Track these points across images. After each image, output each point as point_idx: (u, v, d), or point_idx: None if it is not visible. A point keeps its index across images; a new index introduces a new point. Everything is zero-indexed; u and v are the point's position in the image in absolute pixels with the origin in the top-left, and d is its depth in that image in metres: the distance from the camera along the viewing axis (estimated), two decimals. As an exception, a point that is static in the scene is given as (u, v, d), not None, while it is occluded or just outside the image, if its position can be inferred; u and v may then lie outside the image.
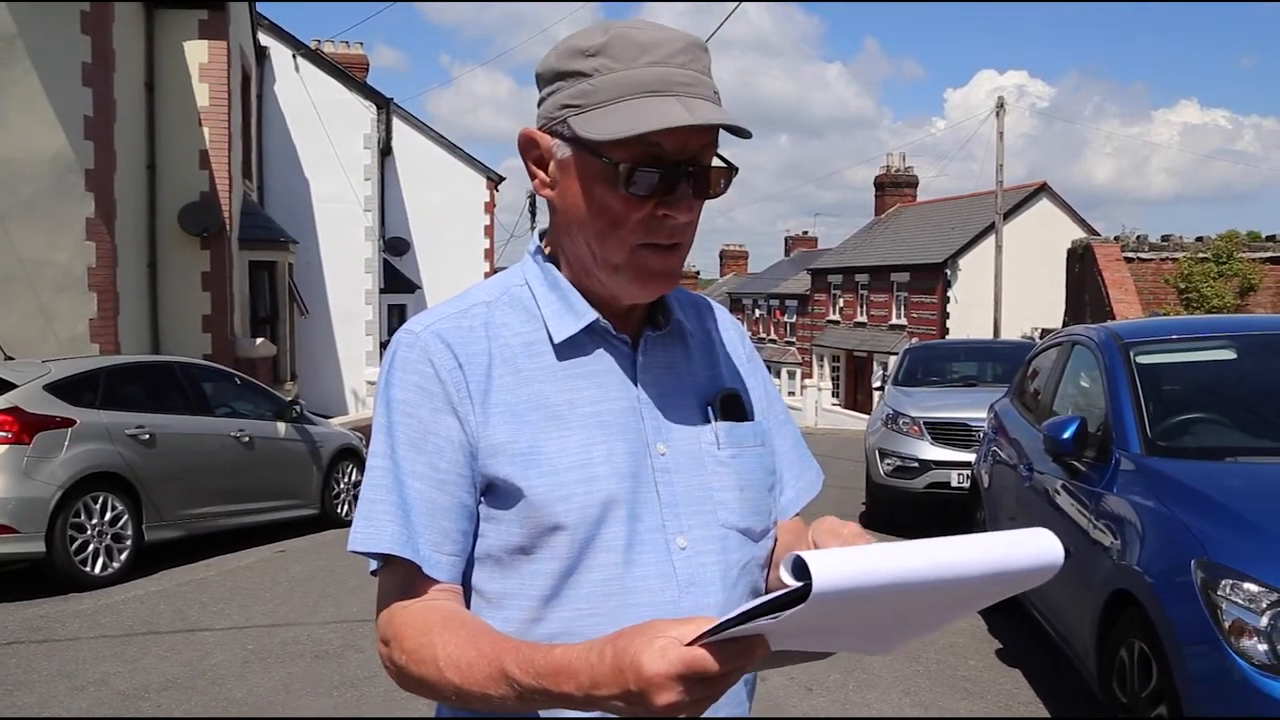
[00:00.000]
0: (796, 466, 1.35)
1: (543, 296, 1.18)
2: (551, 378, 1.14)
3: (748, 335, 1.37)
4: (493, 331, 1.15)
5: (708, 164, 1.11)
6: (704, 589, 1.13)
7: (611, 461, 1.12)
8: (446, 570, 1.11)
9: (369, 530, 1.11)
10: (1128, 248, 18.18)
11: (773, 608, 0.79)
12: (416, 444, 1.11)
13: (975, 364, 11.18)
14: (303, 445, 8.86)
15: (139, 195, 12.27)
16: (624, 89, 1.07)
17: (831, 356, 39.49)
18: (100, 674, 4.87)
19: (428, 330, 1.14)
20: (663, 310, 1.22)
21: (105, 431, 6.86)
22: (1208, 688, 2.92)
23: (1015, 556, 0.86)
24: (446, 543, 1.10)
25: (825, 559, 0.77)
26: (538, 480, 1.09)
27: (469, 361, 1.12)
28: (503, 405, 1.11)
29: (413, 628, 1.07)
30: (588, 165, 1.10)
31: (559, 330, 1.15)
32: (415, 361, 1.13)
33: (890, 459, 8.65)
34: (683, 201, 1.09)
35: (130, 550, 6.93)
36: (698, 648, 0.83)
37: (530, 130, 1.16)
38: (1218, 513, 3.29)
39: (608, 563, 1.10)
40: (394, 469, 1.11)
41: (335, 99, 19.45)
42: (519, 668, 0.95)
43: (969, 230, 32.82)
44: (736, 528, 1.19)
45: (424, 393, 1.12)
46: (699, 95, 1.08)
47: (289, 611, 6.03)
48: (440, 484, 1.10)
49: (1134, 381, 4.22)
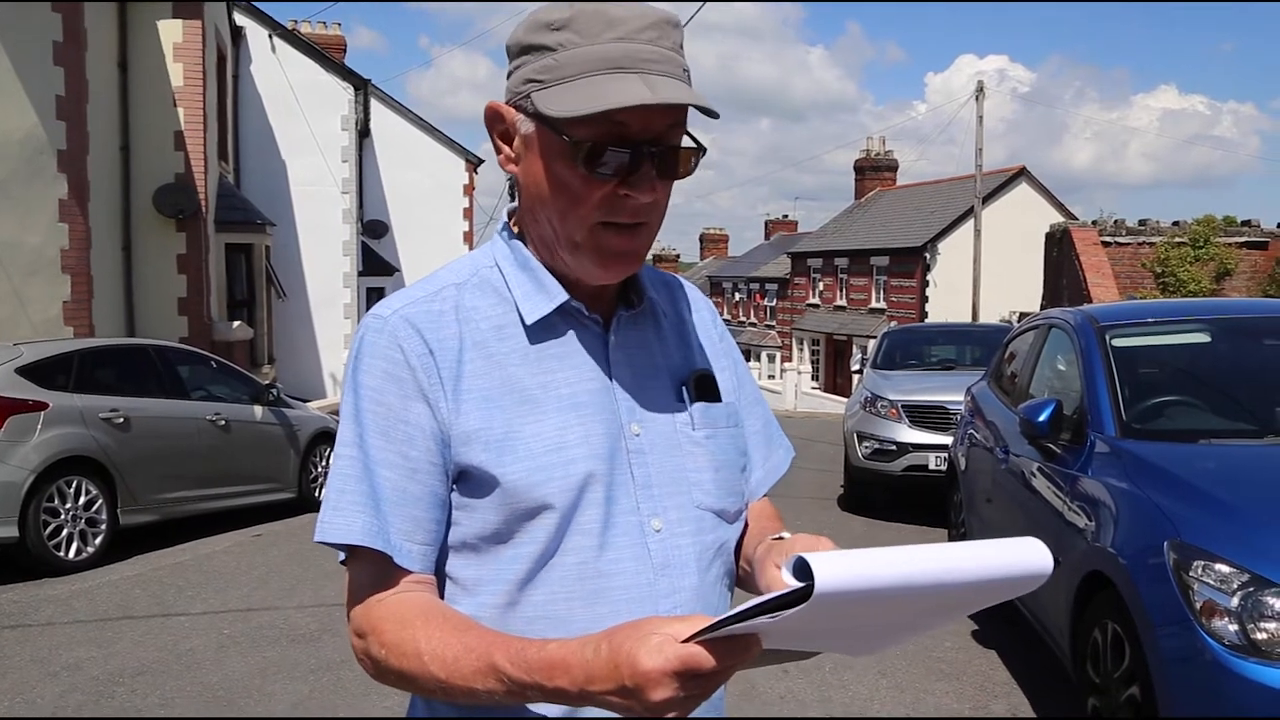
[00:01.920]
0: (765, 446, 1.34)
1: (513, 277, 1.16)
2: (524, 360, 1.12)
3: (718, 314, 1.36)
4: (463, 315, 1.13)
5: (675, 144, 1.09)
6: (679, 571, 1.13)
7: (589, 443, 1.10)
8: (419, 560, 1.09)
9: (338, 521, 1.08)
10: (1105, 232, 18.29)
11: (773, 607, 0.80)
12: (386, 432, 1.09)
13: (953, 347, 11.23)
14: (280, 429, 8.80)
15: (113, 177, 12.13)
16: (588, 65, 1.04)
17: (811, 340, 39.61)
18: (74, 659, 4.83)
19: (396, 315, 1.11)
20: (635, 289, 1.20)
21: (79, 415, 6.79)
22: (1179, 668, 2.95)
23: (1007, 564, 0.88)
24: (419, 532, 1.09)
25: (828, 560, 0.78)
26: (513, 466, 1.07)
27: (439, 347, 1.10)
28: (475, 390, 1.09)
29: (391, 620, 1.05)
30: (549, 142, 1.08)
31: (530, 312, 1.13)
32: (384, 347, 1.10)
33: (868, 442, 8.68)
34: (645, 182, 1.07)
35: (105, 534, 6.87)
36: (693, 644, 0.83)
37: (496, 104, 1.13)
38: (1191, 494, 3.31)
39: (583, 546, 1.09)
40: (363, 458, 1.09)
41: (312, 80, 19.26)
42: (510, 662, 0.94)
43: (948, 214, 32.94)
44: (711, 509, 1.18)
45: (393, 379, 1.09)
46: (665, 73, 1.05)
47: (265, 596, 6.00)
48: (412, 473, 1.08)
49: (1109, 364, 4.24)
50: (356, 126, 20.33)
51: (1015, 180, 33.49)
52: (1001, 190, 32.65)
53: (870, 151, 43.31)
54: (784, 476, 1.36)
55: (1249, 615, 2.83)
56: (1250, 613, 2.83)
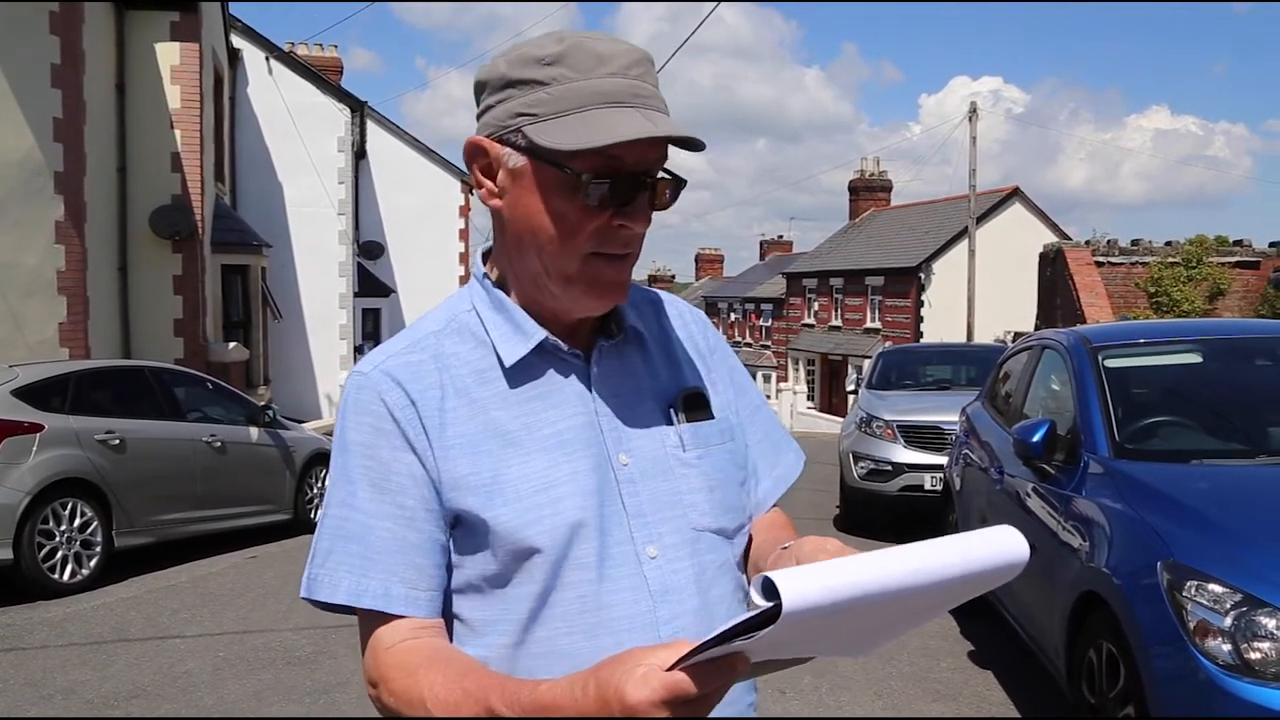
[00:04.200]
0: (771, 454, 1.34)
1: (490, 320, 1.17)
2: (505, 404, 1.13)
3: (709, 324, 1.36)
4: (443, 363, 1.14)
5: (661, 175, 1.12)
6: (678, 596, 1.13)
7: (576, 480, 1.11)
8: (425, 607, 1.11)
9: (323, 579, 1.11)
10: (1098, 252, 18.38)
11: (746, 628, 0.80)
12: (379, 485, 1.11)
13: (949, 367, 11.26)
14: (275, 450, 8.79)
15: (109, 198, 12.15)
16: (584, 99, 1.06)
17: (806, 360, 39.65)
18: (68, 682, 4.82)
19: (377, 370, 1.14)
20: (615, 318, 1.21)
21: (74, 437, 6.78)
22: (1173, 688, 2.96)
23: (982, 556, 0.88)
24: (422, 579, 1.10)
25: (793, 578, 0.77)
26: (503, 510, 1.09)
27: (421, 397, 1.11)
28: (460, 437, 1.11)
29: (397, 669, 1.07)
30: (545, 175, 1.08)
31: (509, 354, 1.14)
32: (367, 403, 1.12)
33: (864, 462, 8.69)
34: (640, 212, 1.10)
35: (100, 557, 6.85)
36: (678, 671, 0.83)
37: (478, 138, 1.13)
38: (1183, 515, 3.33)
39: (581, 580, 1.10)
40: (355, 515, 1.11)
41: (309, 102, 19.35)
42: (505, 705, 0.95)
43: (942, 234, 33.07)
44: (709, 529, 1.18)
45: (380, 433, 1.11)
46: (654, 108, 1.08)
47: (261, 618, 5.99)
48: (409, 522, 1.10)
49: (1102, 385, 4.27)
50: (353, 148, 20.43)
51: (1009, 200, 33.65)
52: (995, 210, 32.80)
53: (865, 172, 43.49)
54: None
55: (1242, 635, 2.84)
56: (1243, 632, 2.85)
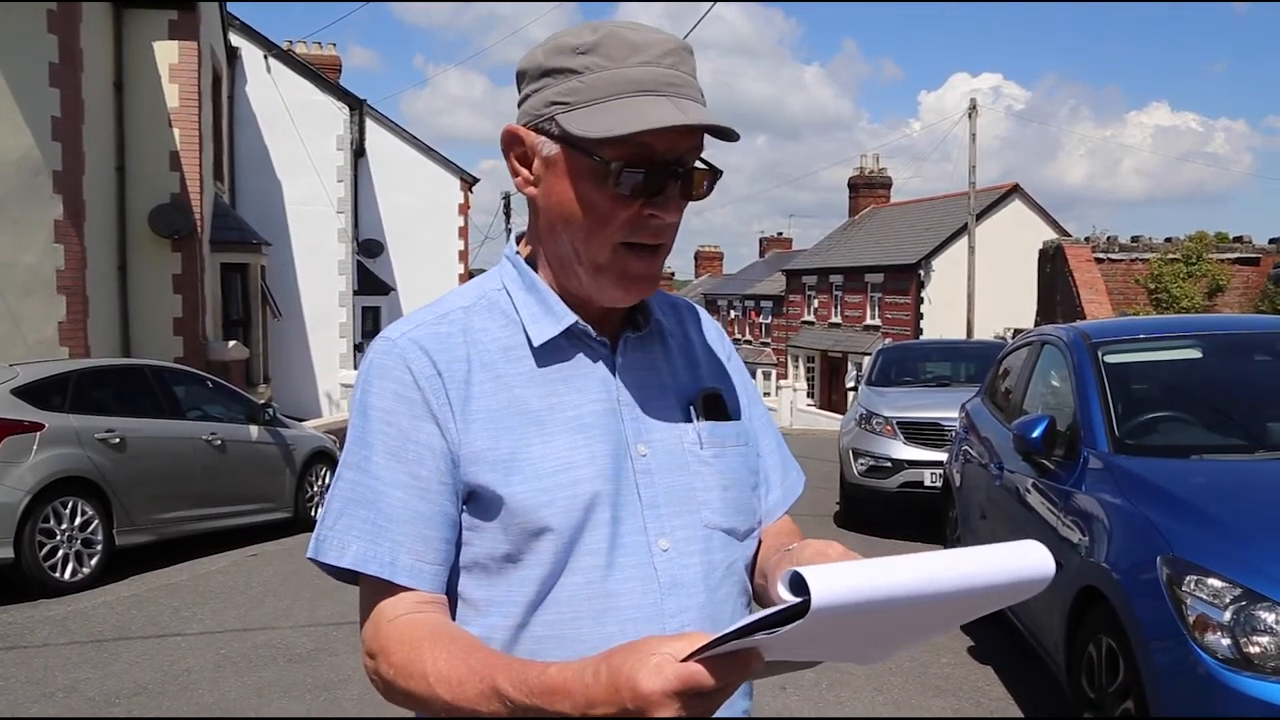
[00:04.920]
0: (781, 468, 1.35)
1: (520, 300, 1.17)
2: (531, 382, 1.14)
3: (727, 337, 1.38)
4: (471, 337, 1.14)
5: (694, 166, 1.12)
6: (686, 590, 1.13)
7: (594, 464, 1.11)
8: (429, 580, 1.10)
9: (332, 540, 1.10)
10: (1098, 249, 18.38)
11: (770, 623, 0.80)
12: (397, 453, 1.10)
13: (948, 364, 11.26)
14: (275, 448, 8.80)
15: (108, 197, 12.14)
16: (616, 87, 1.07)
17: (806, 357, 39.65)
18: (70, 680, 4.82)
19: (405, 337, 1.13)
20: (642, 311, 1.22)
21: (74, 435, 6.79)
22: (1173, 683, 2.96)
23: (1008, 569, 0.87)
24: (429, 551, 1.10)
25: (824, 574, 0.77)
26: (520, 486, 1.09)
27: (448, 368, 1.11)
28: (483, 412, 1.11)
29: (400, 642, 1.06)
30: (576, 163, 1.09)
31: (538, 334, 1.15)
32: (393, 369, 1.11)
33: (864, 459, 8.70)
34: (671, 202, 1.10)
35: (101, 555, 6.86)
36: (693, 663, 0.83)
37: (514, 127, 1.15)
38: (1183, 510, 3.33)
39: (590, 565, 1.10)
40: (368, 481, 1.10)
41: (307, 100, 19.34)
42: (512, 685, 0.94)
43: (942, 231, 33.06)
44: (720, 528, 1.19)
45: (403, 400, 1.11)
46: (688, 96, 1.09)
47: (262, 616, 5.99)
48: (423, 493, 1.10)
49: (1102, 381, 4.27)
50: (352, 146, 20.42)
51: (1009, 197, 33.63)
52: (995, 207, 32.79)
53: (864, 169, 43.47)
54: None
55: (1241, 629, 2.85)
56: (1243, 626, 2.85)
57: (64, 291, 10.25)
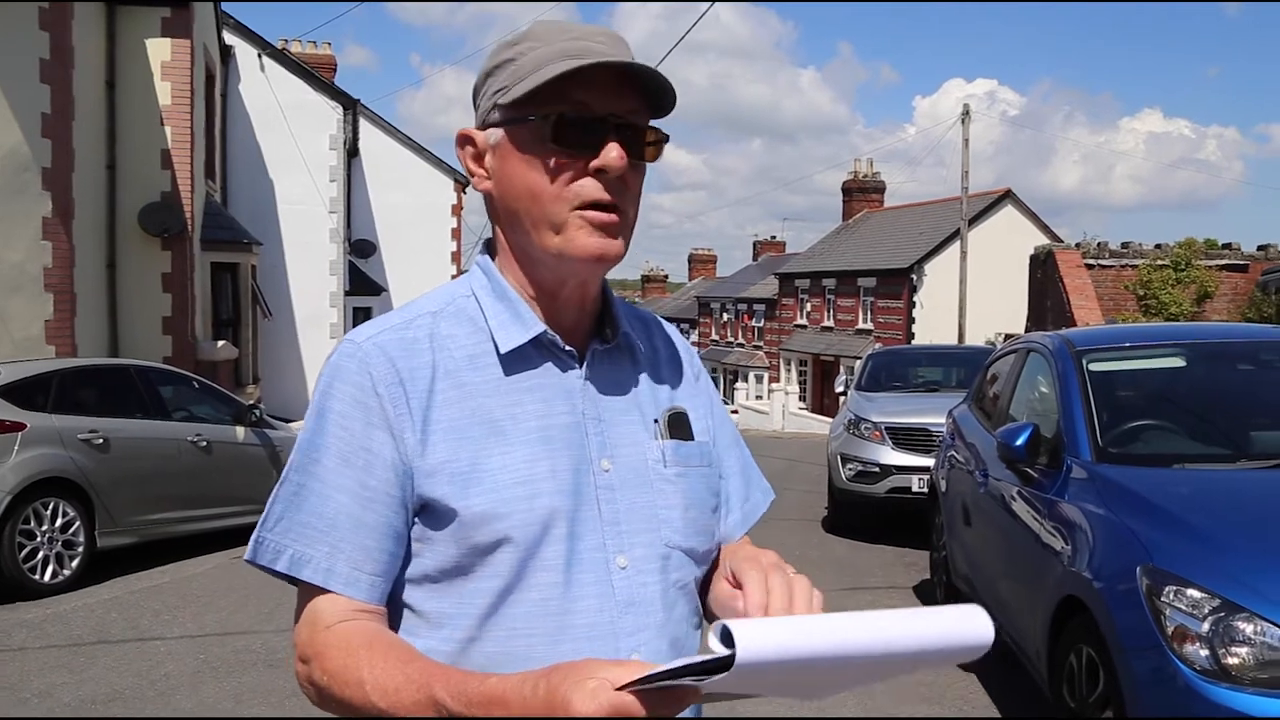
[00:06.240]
0: (744, 489, 1.34)
1: (489, 307, 1.16)
2: (496, 391, 1.12)
3: (696, 354, 1.36)
4: (437, 343, 1.13)
5: (639, 125, 1.12)
6: (643, 609, 1.12)
7: (555, 478, 1.10)
8: (365, 589, 1.08)
9: (269, 543, 1.09)
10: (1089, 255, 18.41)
11: (699, 670, 0.79)
12: (347, 458, 1.08)
13: (938, 369, 11.25)
14: (262, 450, 8.75)
15: (98, 195, 12.09)
16: (546, 59, 1.08)
17: (799, 360, 39.66)
18: (45, 685, 4.78)
19: (369, 341, 1.12)
20: (610, 324, 1.21)
21: (57, 436, 6.74)
22: (1151, 693, 2.95)
23: (945, 634, 0.86)
24: (368, 562, 1.08)
25: (752, 630, 0.76)
26: (477, 498, 1.07)
27: (410, 376, 1.10)
28: (444, 421, 1.09)
29: (336, 648, 1.04)
30: (518, 135, 1.11)
31: (505, 341, 1.13)
32: (354, 373, 1.10)
33: (852, 464, 8.68)
34: (614, 153, 1.08)
35: (82, 557, 6.81)
36: (628, 693, 0.82)
37: (464, 129, 1.18)
38: (1164, 520, 3.32)
39: (547, 582, 1.08)
40: (313, 484, 1.09)
41: (301, 99, 19.29)
42: (450, 695, 0.93)
43: (935, 236, 33.10)
44: (680, 547, 1.17)
45: (359, 405, 1.09)
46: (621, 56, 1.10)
47: (243, 619, 5.96)
48: (368, 502, 1.08)
49: (1086, 389, 4.26)
50: (345, 146, 20.37)
51: (1001, 202, 33.69)
52: (988, 212, 32.85)
53: (858, 173, 43.51)
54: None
55: (1220, 640, 2.83)
56: (1221, 638, 2.84)
57: (51, 289, 10.20)
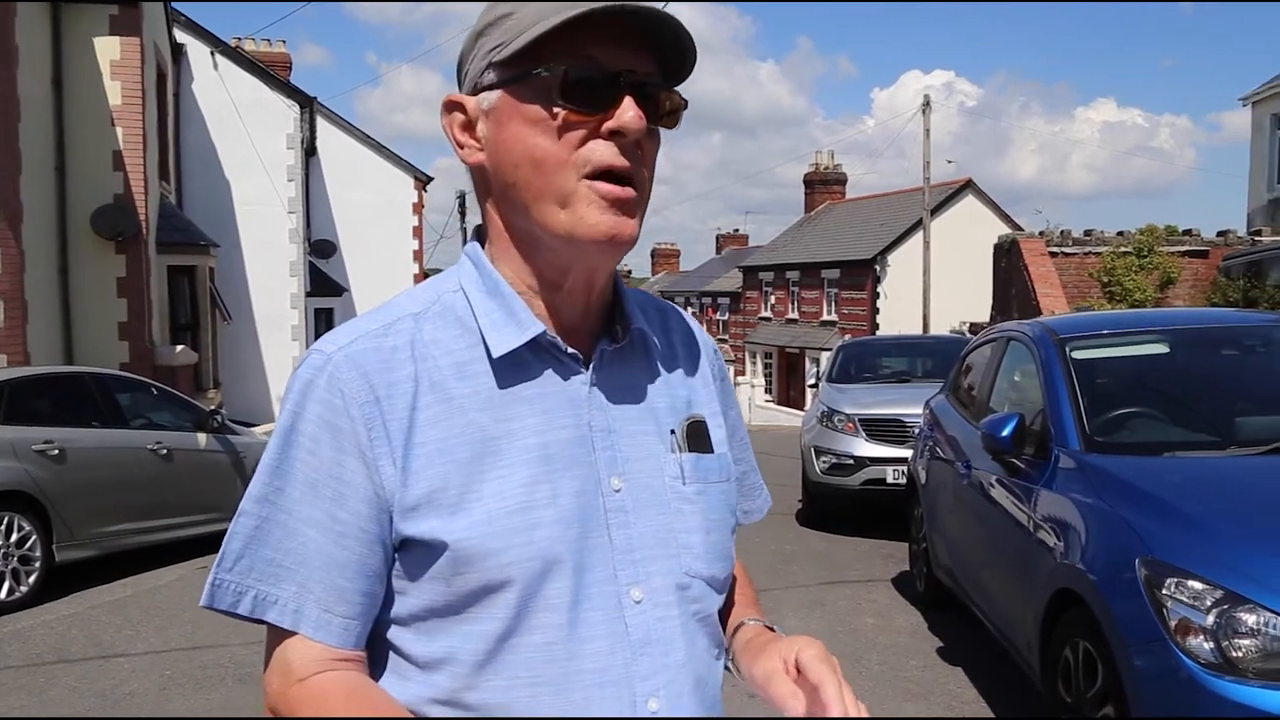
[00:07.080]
0: (748, 499, 1.24)
1: (480, 305, 1.00)
2: (488, 404, 0.97)
3: (718, 352, 1.21)
4: (419, 351, 0.97)
5: (656, 86, 0.97)
6: (663, 647, 0.99)
7: (556, 504, 0.95)
8: (338, 634, 0.95)
9: (229, 585, 0.97)
10: (1052, 242, 18.52)
11: None
12: (315, 486, 0.95)
13: (907, 360, 11.24)
14: (224, 456, 8.53)
15: (47, 198, 11.75)
16: (544, 12, 0.93)
17: (764, 353, 39.73)
18: (3, 708, 4.58)
19: (341, 352, 0.96)
20: (621, 319, 1.05)
21: (10, 448, 6.50)
22: (1155, 687, 2.89)
23: None
24: (340, 604, 0.95)
25: None
26: (466, 532, 0.92)
27: (388, 393, 0.95)
28: (429, 442, 0.94)
29: (310, 705, 0.93)
30: (519, 93, 0.95)
31: (498, 344, 0.98)
32: (323, 390, 0.95)
33: (826, 456, 8.63)
34: (630, 113, 0.93)
35: (39, 572, 6.57)
36: None
37: (452, 95, 1.02)
38: (1160, 509, 3.26)
39: (550, 623, 0.94)
40: (278, 515, 0.96)
41: (256, 98, 18.92)
42: None
43: (897, 227, 33.25)
44: (702, 575, 1.03)
45: (330, 427, 0.95)
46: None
47: (210, 633, 5.76)
48: (339, 537, 0.94)
49: (1071, 377, 4.20)
50: (302, 145, 20.03)
51: (962, 192, 33.90)
52: (949, 202, 33.03)
53: (820, 165, 43.62)
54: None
55: (1224, 632, 2.78)
56: (1225, 630, 2.78)
57: (1, 296, 9.89)
